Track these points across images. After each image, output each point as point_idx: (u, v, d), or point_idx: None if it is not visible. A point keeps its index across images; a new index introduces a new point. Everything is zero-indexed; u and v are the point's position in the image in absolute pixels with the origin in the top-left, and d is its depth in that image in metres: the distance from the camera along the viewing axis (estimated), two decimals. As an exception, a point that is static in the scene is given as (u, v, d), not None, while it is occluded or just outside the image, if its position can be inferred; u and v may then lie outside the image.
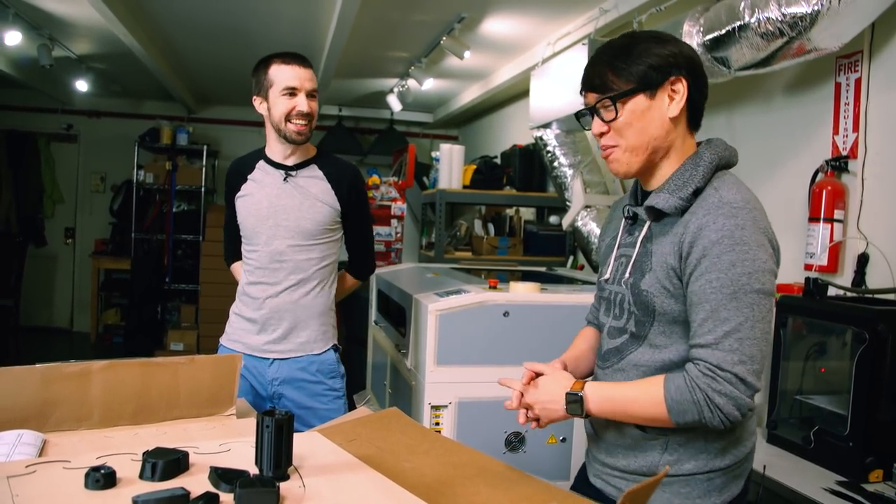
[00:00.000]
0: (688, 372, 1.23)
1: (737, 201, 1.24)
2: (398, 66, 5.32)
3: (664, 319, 1.30)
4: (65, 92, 6.88)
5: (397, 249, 5.12)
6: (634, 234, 1.39)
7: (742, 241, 1.21)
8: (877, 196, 2.31)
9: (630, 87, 1.29)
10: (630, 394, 1.30)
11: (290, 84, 2.15)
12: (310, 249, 2.22)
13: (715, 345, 1.21)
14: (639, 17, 3.11)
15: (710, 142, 1.37)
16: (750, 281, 1.21)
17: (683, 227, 1.27)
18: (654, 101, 1.30)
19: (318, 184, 2.25)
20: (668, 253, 1.29)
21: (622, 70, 1.29)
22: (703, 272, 1.22)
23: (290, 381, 2.23)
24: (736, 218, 1.22)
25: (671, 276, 1.28)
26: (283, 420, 1.17)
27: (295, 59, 2.18)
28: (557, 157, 3.82)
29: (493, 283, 2.47)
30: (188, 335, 6.29)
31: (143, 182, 6.94)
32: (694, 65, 1.33)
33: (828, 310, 2.00)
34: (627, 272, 1.36)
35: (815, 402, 2.03)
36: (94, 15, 4.01)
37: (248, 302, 2.25)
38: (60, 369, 1.50)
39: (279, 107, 2.16)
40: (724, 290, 1.21)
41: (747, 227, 1.22)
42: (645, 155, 1.33)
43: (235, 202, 2.28)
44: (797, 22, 2.09)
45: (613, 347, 1.40)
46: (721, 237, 1.21)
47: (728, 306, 1.20)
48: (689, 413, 1.22)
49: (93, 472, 1.11)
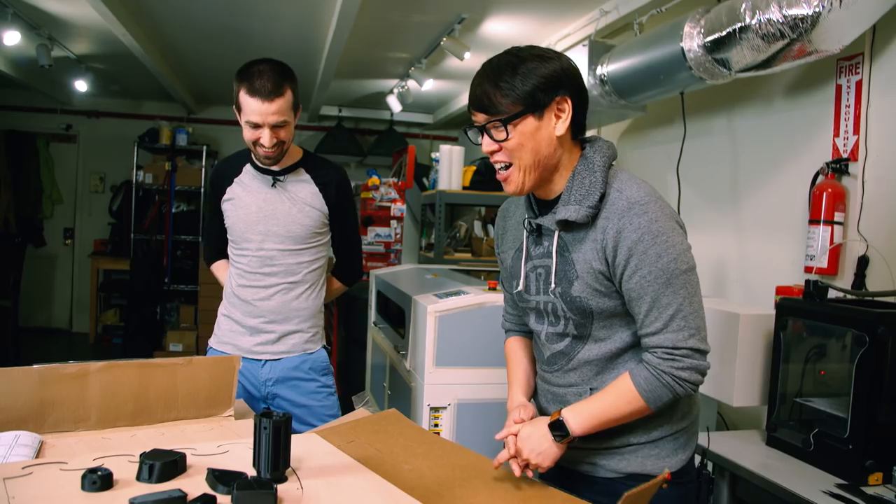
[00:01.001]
0: (648, 363, 1.34)
1: (642, 198, 1.33)
2: (398, 66, 5.32)
3: (602, 316, 1.39)
4: (64, 92, 6.88)
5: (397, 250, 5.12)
6: (544, 245, 1.44)
7: (659, 232, 1.31)
8: (877, 198, 2.30)
9: (518, 109, 1.33)
10: (606, 402, 1.36)
11: (252, 119, 2.04)
12: (300, 253, 2.22)
13: (664, 329, 1.32)
14: (639, 18, 3.11)
15: (593, 143, 1.43)
16: (678, 265, 1.31)
17: (602, 233, 1.34)
18: (542, 122, 1.35)
19: (306, 188, 2.22)
20: (591, 259, 1.36)
21: (509, 91, 1.32)
22: (635, 269, 1.31)
23: (284, 381, 2.23)
24: (647, 214, 1.31)
25: (599, 278, 1.36)
26: (280, 422, 1.17)
27: (261, 91, 2.01)
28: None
29: (493, 285, 2.47)
30: (187, 336, 6.29)
31: (143, 182, 6.94)
32: (576, 80, 1.37)
33: (828, 312, 2.00)
34: (552, 282, 1.41)
35: (814, 405, 2.02)
36: (93, 15, 4.00)
37: (239, 304, 2.23)
38: (58, 370, 1.50)
39: (246, 133, 2.09)
40: (658, 280, 1.31)
41: (659, 218, 1.32)
42: (537, 173, 1.38)
43: (222, 205, 2.25)
44: (798, 24, 2.09)
45: (558, 351, 1.46)
46: (641, 235, 1.31)
47: (666, 293, 1.31)
48: (663, 396, 1.33)
49: (89, 474, 1.11)
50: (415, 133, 7.86)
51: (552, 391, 1.50)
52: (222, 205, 2.25)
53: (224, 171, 2.28)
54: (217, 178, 2.29)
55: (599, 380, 1.42)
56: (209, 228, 2.40)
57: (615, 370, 1.41)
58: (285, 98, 2.03)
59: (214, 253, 2.40)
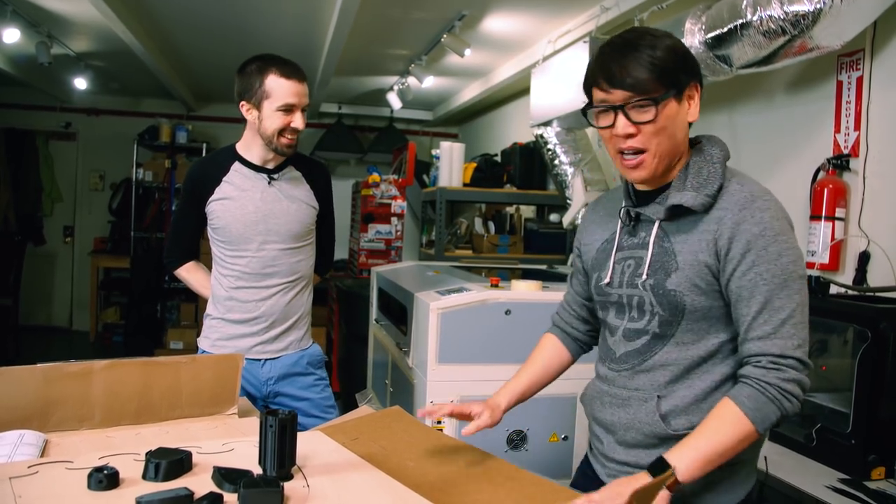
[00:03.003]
0: (749, 376, 1.23)
1: (765, 195, 1.27)
2: (398, 63, 5.31)
3: (693, 317, 1.30)
4: (63, 90, 6.87)
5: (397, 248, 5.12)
6: (639, 235, 1.37)
7: (781, 231, 1.24)
8: (878, 194, 2.31)
9: (668, 90, 1.26)
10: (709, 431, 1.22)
11: (289, 101, 2.05)
12: (299, 252, 2.24)
13: (774, 334, 1.22)
14: (640, 14, 3.11)
15: (710, 138, 1.38)
16: (796, 268, 1.24)
17: (717, 224, 1.27)
18: (682, 106, 1.29)
19: (299, 185, 2.24)
20: (699, 250, 1.28)
21: (658, 69, 1.24)
22: (752, 265, 1.23)
23: (284, 378, 2.25)
24: (770, 210, 1.25)
25: (703, 272, 1.27)
26: (286, 420, 1.17)
27: (295, 72, 2.06)
28: (558, 154, 3.82)
29: (495, 282, 2.46)
30: (188, 334, 6.28)
31: (143, 180, 6.93)
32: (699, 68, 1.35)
33: (829, 308, 2.00)
34: (644, 274, 1.33)
35: (817, 401, 2.02)
36: (92, 12, 4.00)
37: (237, 306, 2.21)
38: (62, 369, 1.50)
39: (274, 121, 2.08)
40: (775, 280, 1.22)
41: (780, 217, 1.25)
42: (668, 160, 1.31)
43: (208, 205, 2.19)
44: (799, 20, 2.09)
45: (633, 350, 1.37)
46: (763, 230, 1.23)
47: (780, 295, 1.22)
48: (771, 414, 1.21)
49: (95, 473, 1.11)
50: (415, 130, 7.85)
51: (613, 393, 1.40)
52: (209, 205, 2.19)
53: (209, 170, 2.22)
54: (201, 177, 2.22)
55: (670, 389, 1.32)
56: (178, 229, 2.34)
57: (690, 381, 1.31)
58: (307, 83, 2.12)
59: (183, 254, 2.35)
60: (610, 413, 1.40)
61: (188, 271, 2.35)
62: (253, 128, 2.15)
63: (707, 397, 1.31)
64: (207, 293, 2.31)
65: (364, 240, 5.04)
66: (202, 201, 2.20)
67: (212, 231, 2.23)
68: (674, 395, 1.32)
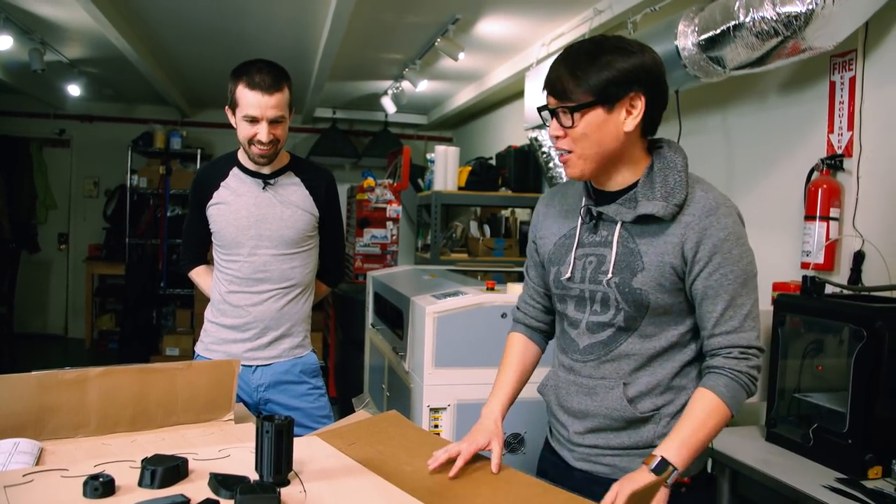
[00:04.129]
0: (722, 367, 1.35)
1: (727, 202, 1.38)
2: (392, 67, 5.31)
3: (656, 313, 1.39)
4: (57, 97, 6.85)
5: (393, 252, 5.12)
6: (601, 234, 1.44)
7: (741, 235, 1.37)
8: (872, 194, 2.31)
9: (588, 99, 1.32)
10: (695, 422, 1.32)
11: (251, 113, 2.04)
12: (292, 258, 2.21)
13: (739, 328, 1.35)
14: (633, 17, 3.11)
15: (670, 144, 1.44)
16: (752, 268, 1.38)
17: (683, 229, 1.36)
18: (612, 115, 1.34)
19: (296, 191, 2.22)
20: (665, 252, 1.36)
21: (582, 81, 1.32)
22: (717, 267, 1.34)
23: (275, 385, 2.23)
24: (732, 216, 1.37)
25: (669, 273, 1.36)
26: (283, 425, 1.17)
27: (260, 85, 2.02)
28: (552, 157, 3.82)
29: (491, 285, 2.47)
30: (184, 340, 6.27)
31: (137, 187, 6.92)
32: (655, 78, 1.36)
33: (825, 308, 2.00)
34: (609, 272, 1.39)
35: (813, 400, 2.03)
36: (85, 19, 3.99)
37: (229, 310, 2.22)
38: (57, 376, 1.49)
39: (241, 130, 2.09)
40: (738, 280, 1.35)
41: (740, 222, 1.38)
42: (598, 162, 1.39)
43: (208, 209, 2.21)
44: (791, 21, 2.09)
45: (598, 341, 1.44)
46: (728, 234, 1.34)
47: (742, 293, 1.35)
48: (741, 398, 1.35)
49: (91, 481, 1.11)
50: (409, 134, 7.85)
51: (580, 383, 1.47)
52: (208, 209, 2.21)
53: (209, 174, 2.25)
54: (202, 182, 2.25)
55: (634, 377, 1.41)
56: (189, 234, 2.37)
57: (652, 368, 1.41)
58: (283, 94, 2.06)
59: (193, 258, 2.38)
60: (577, 401, 1.47)
61: (197, 275, 2.40)
62: None
63: (670, 382, 1.42)
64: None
65: (359, 244, 5.04)
66: (203, 205, 2.23)
67: (212, 235, 2.25)
68: (638, 381, 1.42)
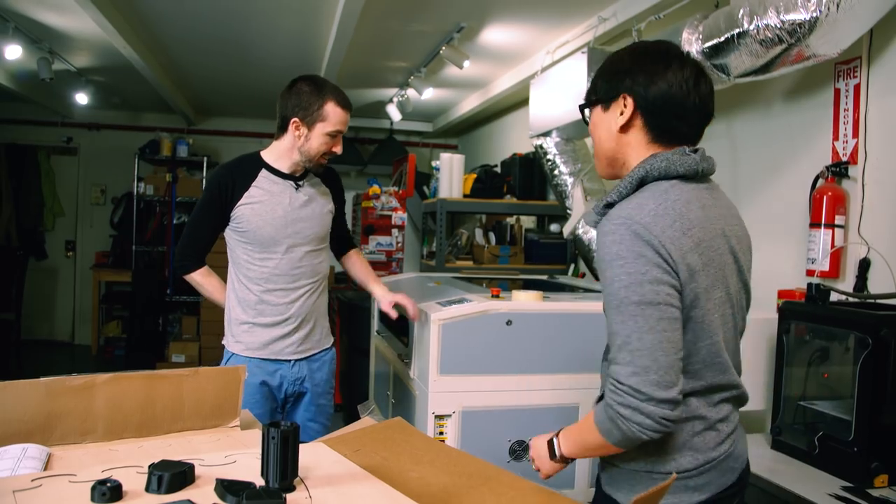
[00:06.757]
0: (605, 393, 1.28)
1: (621, 217, 1.24)
2: (397, 75, 5.34)
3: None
4: (65, 105, 6.90)
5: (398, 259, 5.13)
6: None
7: (619, 255, 1.21)
8: (877, 201, 2.31)
9: (592, 98, 1.41)
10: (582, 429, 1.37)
11: (339, 128, 2.25)
12: (319, 254, 2.39)
13: (614, 359, 1.23)
14: (637, 25, 3.12)
15: (654, 156, 1.33)
16: (628, 294, 1.20)
17: None
18: (607, 114, 1.38)
19: (321, 190, 2.40)
20: None
21: (593, 81, 1.41)
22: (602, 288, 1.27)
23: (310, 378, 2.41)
24: (614, 234, 1.23)
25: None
26: (289, 431, 1.17)
27: (347, 104, 2.26)
28: (557, 165, 3.83)
29: (496, 292, 2.47)
30: (190, 347, 6.29)
31: (144, 194, 6.95)
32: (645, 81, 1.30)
33: (830, 315, 2.00)
34: None
35: (818, 408, 2.02)
36: (93, 28, 4.02)
37: (268, 310, 2.32)
38: (64, 382, 1.50)
39: (320, 143, 2.25)
40: (611, 305, 1.23)
41: (625, 240, 1.21)
42: (604, 162, 1.42)
43: (236, 209, 2.26)
44: (796, 29, 2.10)
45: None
46: (604, 254, 1.24)
47: (615, 320, 1.22)
48: (613, 430, 1.24)
49: (99, 486, 1.11)
50: (414, 141, 7.87)
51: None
52: (236, 209, 2.26)
53: (236, 176, 2.29)
54: (226, 184, 2.27)
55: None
56: (197, 234, 2.34)
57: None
58: None
59: (198, 259, 2.37)
60: None
61: (203, 276, 2.39)
62: (293, 143, 2.27)
63: None
64: (221, 298, 2.39)
65: (365, 251, 5.05)
66: (228, 205, 2.26)
67: (237, 235, 2.29)
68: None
